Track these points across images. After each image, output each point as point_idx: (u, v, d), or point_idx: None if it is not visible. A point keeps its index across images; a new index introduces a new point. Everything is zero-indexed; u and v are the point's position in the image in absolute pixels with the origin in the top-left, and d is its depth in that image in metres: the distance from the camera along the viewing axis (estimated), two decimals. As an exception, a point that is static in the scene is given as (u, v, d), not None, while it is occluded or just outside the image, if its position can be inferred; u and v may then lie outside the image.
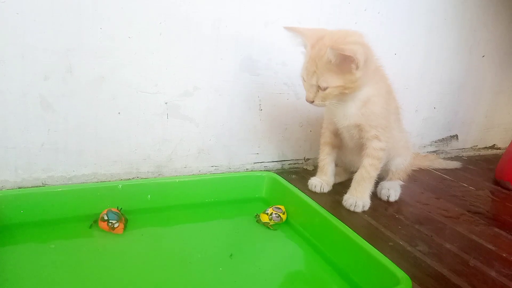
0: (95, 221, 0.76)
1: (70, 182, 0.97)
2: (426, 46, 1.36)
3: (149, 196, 0.85)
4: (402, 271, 0.59)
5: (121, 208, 0.79)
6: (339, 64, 0.83)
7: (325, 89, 0.85)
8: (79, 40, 0.89)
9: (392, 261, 0.62)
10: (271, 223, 0.83)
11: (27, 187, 0.92)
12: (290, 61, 1.13)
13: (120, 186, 0.83)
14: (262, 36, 1.08)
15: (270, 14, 1.07)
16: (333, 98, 0.87)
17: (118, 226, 0.75)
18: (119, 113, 0.98)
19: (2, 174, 0.91)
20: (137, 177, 1.04)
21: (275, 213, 0.83)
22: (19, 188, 0.92)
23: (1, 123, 0.88)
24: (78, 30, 0.89)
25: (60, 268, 0.64)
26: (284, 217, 0.85)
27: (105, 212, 0.76)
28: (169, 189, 0.87)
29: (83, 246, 0.71)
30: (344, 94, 0.87)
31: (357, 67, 0.82)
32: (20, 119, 0.89)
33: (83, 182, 0.98)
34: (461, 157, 1.56)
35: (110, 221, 0.75)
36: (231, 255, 0.71)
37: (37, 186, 0.94)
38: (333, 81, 0.84)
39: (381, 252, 0.65)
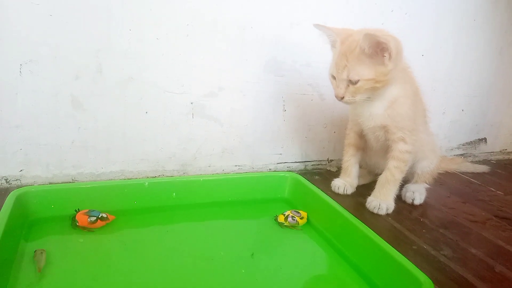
0: (74, 221, 0.76)
1: (98, 179, 1.00)
2: (454, 47, 1.33)
3: (174, 193, 0.87)
4: (425, 275, 0.58)
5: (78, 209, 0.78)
6: (371, 55, 0.83)
7: (356, 82, 0.85)
8: (108, 41, 0.92)
9: (415, 264, 0.62)
10: (286, 223, 0.83)
11: (58, 183, 0.96)
12: (314, 63, 1.13)
13: (147, 183, 0.85)
14: (287, 38, 1.09)
15: (295, 16, 1.08)
16: (364, 92, 0.87)
17: (106, 215, 0.77)
18: (146, 112, 1.00)
19: (34, 169, 0.95)
20: (163, 175, 1.06)
21: (292, 216, 0.84)
22: (50, 183, 0.96)
23: (34, 121, 0.92)
24: (107, 31, 0.92)
25: (87, 262, 0.66)
26: (301, 222, 0.85)
27: (85, 217, 0.75)
28: (193, 188, 0.89)
29: (110, 241, 0.73)
30: (375, 88, 0.86)
31: (390, 57, 0.82)
32: (52, 117, 0.93)
33: (111, 179, 1.01)
34: (489, 160, 1.53)
35: (98, 216, 0.76)
36: (252, 254, 0.72)
37: (67, 182, 0.97)
38: (364, 74, 0.84)
39: (404, 256, 0.64)
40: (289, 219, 0.83)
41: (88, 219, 0.75)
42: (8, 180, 0.94)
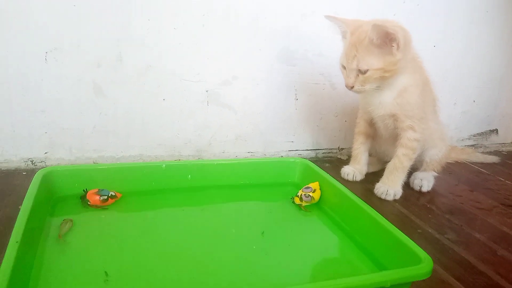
0: (85, 201, 0.79)
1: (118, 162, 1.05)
2: (466, 38, 1.34)
3: (189, 176, 0.91)
4: (424, 252, 0.61)
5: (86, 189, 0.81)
6: (380, 45, 0.85)
7: (365, 72, 0.88)
8: (128, 30, 0.97)
9: (419, 246, 0.63)
10: (304, 204, 0.87)
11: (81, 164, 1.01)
12: (326, 52, 1.16)
13: (164, 166, 0.89)
14: (299, 28, 1.12)
15: (307, 6, 1.11)
16: (373, 81, 0.89)
17: (114, 193, 0.81)
18: (164, 99, 1.05)
19: (58, 152, 1.00)
20: (179, 160, 1.11)
21: (304, 194, 0.87)
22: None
23: (58, 106, 0.97)
24: (128, 21, 0.96)
25: (107, 236, 0.71)
26: (316, 195, 0.87)
27: (97, 196, 0.79)
28: (208, 171, 0.93)
29: (129, 218, 0.78)
30: (384, 78, 0.89)
31: (398, 47, 0.85)
32: (75, 103, 0.98)
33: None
34: (501, 152, 1.53)
35: (108, 195, 0.80)
36: (263, 233, 0.76)
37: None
38: (373, 63, 0.87)
39: (407, 236, 0.67)
40: (304, 198, 0.87)
41: (100, 198, 0.79)
42: (33, 162, 0.99)
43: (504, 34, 1.39)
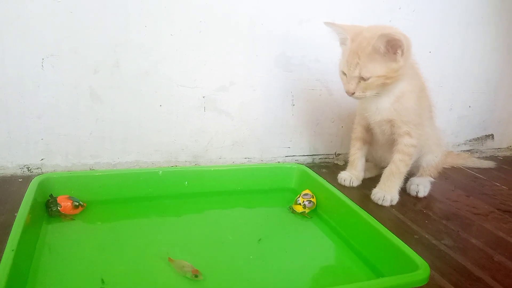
0: (52, 206, 0.77)
1: (115, 169, 1.04)
2: (461, 44, 1.35)
3: (186, 182, 0.91)
4: (421, 258, 0.61)
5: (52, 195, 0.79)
6: (383, 53, 0.86)
7: (367, 79, 0.88)
8: (125, 36, 0.97)
9: (416, 252, 0.64)
10: (307, 210, 0.87)
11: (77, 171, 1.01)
12: (323, 58, 1.16)
13: (160, 172, 0.89)
14: (296, 34, 1.12)
15: (304, 13, 1.11)
16: (374, 88, 0.90)
17: (83, 203, 0.79)
18: (160, 105, 1.05)
19: (54, 159, 1.00)
20: (176, 166, 1.10)
21: (307, 200, 0.87)
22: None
23: (54, 112, 0.97)
24: (125, 27, 0.96)
25: (105, 243, 0.71)
26: (314, 200, 0.88)
27: (68, 201, 0.77)
28: (205, 177, 0.93)
29: (126, 225, 0.78)
30: (385, 84, 0.89)
31: (403, 53, 0.85)
32: (71, 109, 0.98)
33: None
34: (496, 157, 1.54)
35: (80, 203, 0.78)
36: (259, 240, 0.76)
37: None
38: (376, 71, 0.87)
39: (404, 242, 0.67)
40: (307, 204, 0.87)
41: (73, 203, 0.77)
42: (29, 168, 0.99)
43: (499, 40, 1.40)
